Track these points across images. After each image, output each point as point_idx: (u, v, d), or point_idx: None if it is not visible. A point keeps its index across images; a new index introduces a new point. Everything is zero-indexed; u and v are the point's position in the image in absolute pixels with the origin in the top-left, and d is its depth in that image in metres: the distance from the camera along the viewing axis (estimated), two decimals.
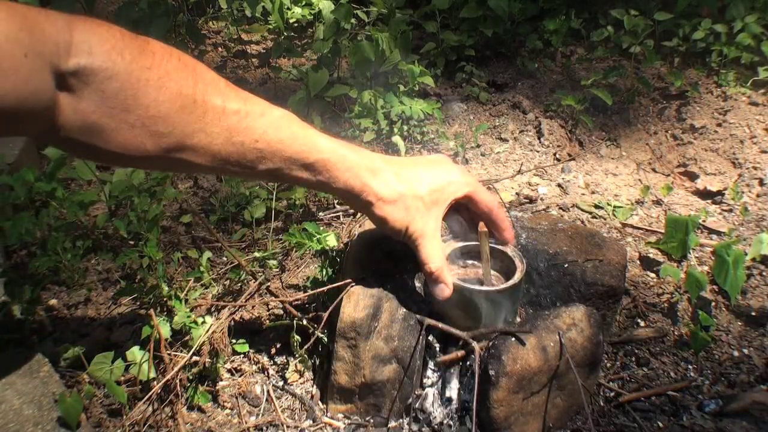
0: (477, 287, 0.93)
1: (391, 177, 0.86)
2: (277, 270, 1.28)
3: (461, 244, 0.99)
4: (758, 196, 1.46)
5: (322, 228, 1.16)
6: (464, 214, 0.99)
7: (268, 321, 1.17)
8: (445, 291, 0.90)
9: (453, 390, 0.96)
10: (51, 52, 0.62)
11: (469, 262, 1.01)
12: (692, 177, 1.59)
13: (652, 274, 1.23)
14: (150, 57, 0.69)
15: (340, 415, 0.99)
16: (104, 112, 0.66)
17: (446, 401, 0.96)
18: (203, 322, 1.04)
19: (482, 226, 0.92)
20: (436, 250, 0.89)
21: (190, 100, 0.71)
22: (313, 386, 1.06)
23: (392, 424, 0.97)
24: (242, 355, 1.11)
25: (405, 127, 1.69)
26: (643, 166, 1.64)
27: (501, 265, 0.99)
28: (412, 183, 0.87)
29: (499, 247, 0.98)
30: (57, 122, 0.66)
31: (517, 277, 0.93)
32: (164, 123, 0.70)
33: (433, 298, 0.92)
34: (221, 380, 1.07)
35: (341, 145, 0.84)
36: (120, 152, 0.70)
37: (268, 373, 1.09)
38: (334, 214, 1.42)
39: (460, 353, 0.95)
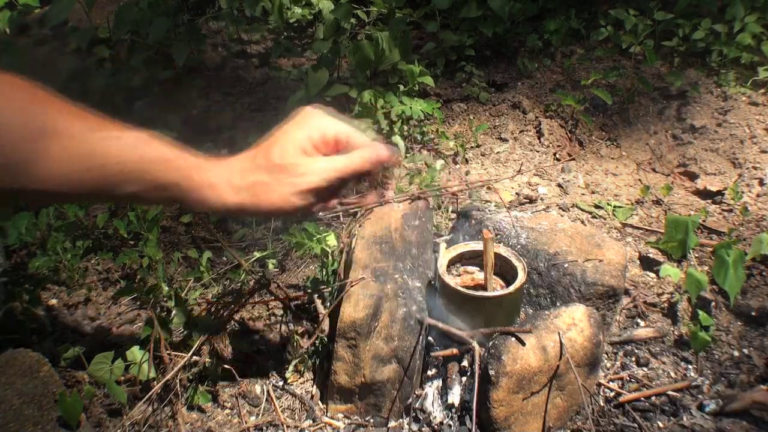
0: (484, 293, 0.93)
1: (236, 179, 0.79)
2: (277, 270, 1.28)
3: (453, 253, 0.99)
4: (758, 196, 1.46)
5: (322, 228, 1.16)
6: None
7: (268, 321, 1.17)
8: (382, 151, 0.77)
9: (455, 396, 0.95)
10: None
11: (462, 268, 1.01)
12: (692, 177, 1.59)
13: (652, 274, 1.23)
14: None
15: (340, 415, 0.99)
16: None
17: (448, 407, 0.96)
18: (204, 321, 1.04)
19: (486, 233, 0.92)
20: (314, 169, 0.76)
21: (33, 129, 0.73)
22: (313, 386, 1.06)
23: (392, 424, 0.97)
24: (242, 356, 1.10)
25: (405, 127, 1.69)
26: (643, 166, 1.64)
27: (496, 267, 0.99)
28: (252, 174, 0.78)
29: (495, 250, 0.97)
30: None
31: (521, 276, 0.93)
32: (5, 150, 0.71)
33: (435, 306, 0.91)
34: (221, 380, 1.07)
35: (194, 163, 0.79)
36: None
37: (268, 373, 1.09)
38: (334, 214, 1.42)
39: (455, 351, 0.95)
